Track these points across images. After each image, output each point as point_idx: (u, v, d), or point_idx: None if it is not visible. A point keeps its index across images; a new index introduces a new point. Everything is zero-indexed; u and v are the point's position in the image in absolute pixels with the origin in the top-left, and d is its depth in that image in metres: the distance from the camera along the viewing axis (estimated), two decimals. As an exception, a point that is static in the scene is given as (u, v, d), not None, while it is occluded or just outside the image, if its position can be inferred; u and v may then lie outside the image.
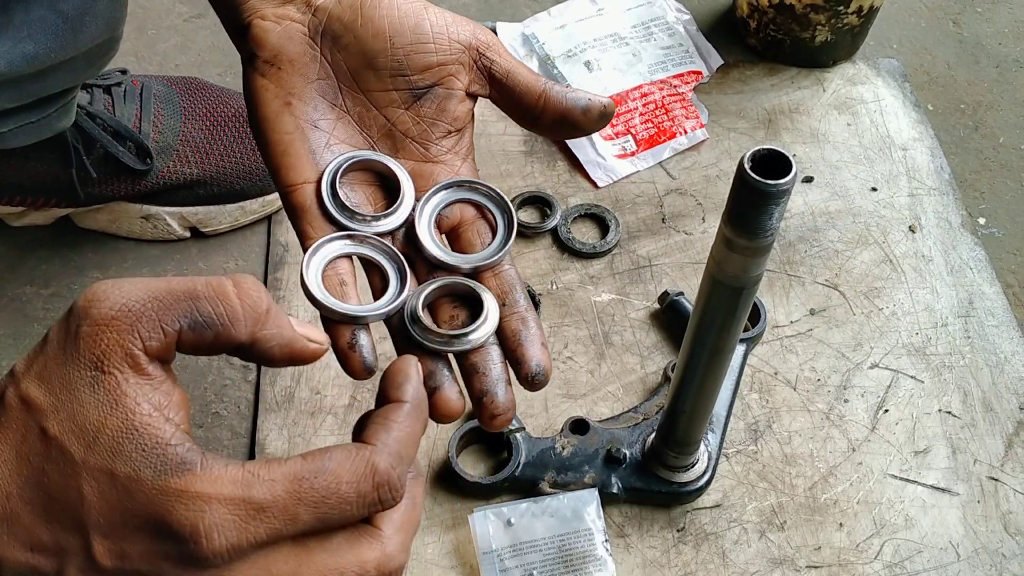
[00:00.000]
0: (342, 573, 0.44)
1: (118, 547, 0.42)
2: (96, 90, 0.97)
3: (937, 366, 0.98)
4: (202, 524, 0.41)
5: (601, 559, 0.82)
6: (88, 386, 0.43)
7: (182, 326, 0.44)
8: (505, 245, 0.59)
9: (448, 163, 0.61)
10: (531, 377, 0.55)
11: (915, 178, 1.14)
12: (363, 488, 0.44)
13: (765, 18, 1.21)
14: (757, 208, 0.58)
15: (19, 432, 0.43)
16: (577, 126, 0.61)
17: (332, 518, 0.44)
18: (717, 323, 0.69)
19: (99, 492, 0.42)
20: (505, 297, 0.57)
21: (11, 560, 0.42)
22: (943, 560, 0.86)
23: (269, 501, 0.42)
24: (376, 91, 0.59)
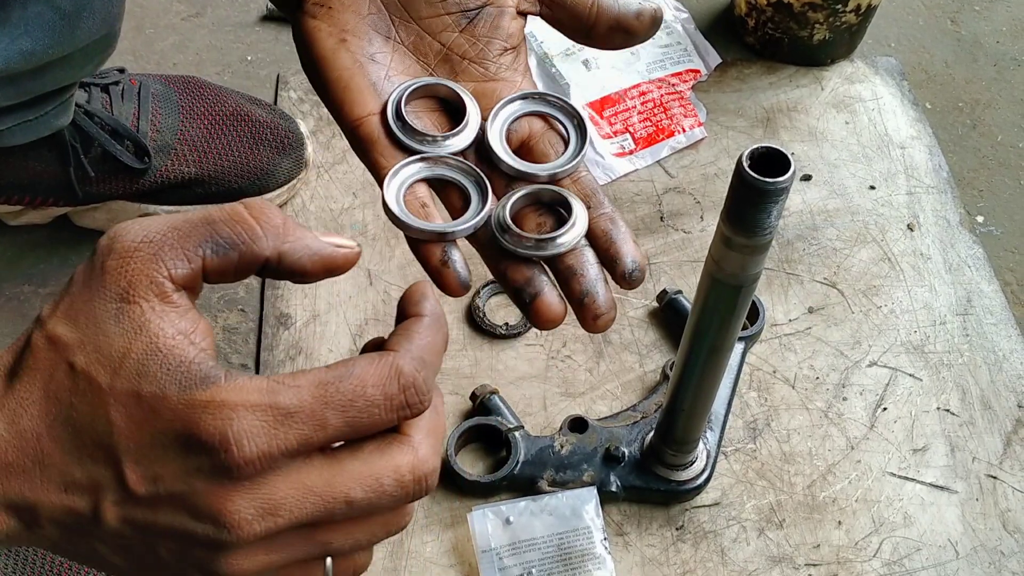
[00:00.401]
0: (377, 479, 0.43)
1: (150, 471, 0.41)
2: (94, 89, 0.97)
3: (936, 364, 0.99)
4: (231, 432, 0.40)
5: (600, 557, 0.82)
6: (113, 317, 0.43)
7: (205, 252, 0.44)
8: (581, 152, 0.58)
9: (509, 79, 0.60)
10: (628, 274, 0.54)
11: (913, 176, 1.14)
12: (390, 390, 0.43)
13: (763, 16, 1.21)
14: (756, 206, 0.58)
15: (47, 371, 0.43)
16: (631, 32, 0.60)
17: (361, 422, 0.43)
18: (716, 321, 0.69)
19: (127, 416, 0.41)
20: (589, 200, 0.56)
21: (46, 503, 0.42)
22: (942, 558, 0.86)
23: (296, 406, 0.42)
24: (428, 18, 0.59)
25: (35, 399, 0.42)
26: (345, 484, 0.43)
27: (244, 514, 0.41)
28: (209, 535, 0.41)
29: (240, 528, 0.41)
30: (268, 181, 1.03)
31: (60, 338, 0.43)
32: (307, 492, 0.42)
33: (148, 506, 0.42)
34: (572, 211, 0.54)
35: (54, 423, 0.42)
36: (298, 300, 1.00)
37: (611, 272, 0.54)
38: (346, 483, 0.43)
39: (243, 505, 0.41)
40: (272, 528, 0.42)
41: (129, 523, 0.42)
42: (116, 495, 0.42)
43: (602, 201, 0.56)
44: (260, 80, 1.20)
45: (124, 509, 0.42)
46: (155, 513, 0.42)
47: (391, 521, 0.46)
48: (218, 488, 0.41)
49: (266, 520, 0.41)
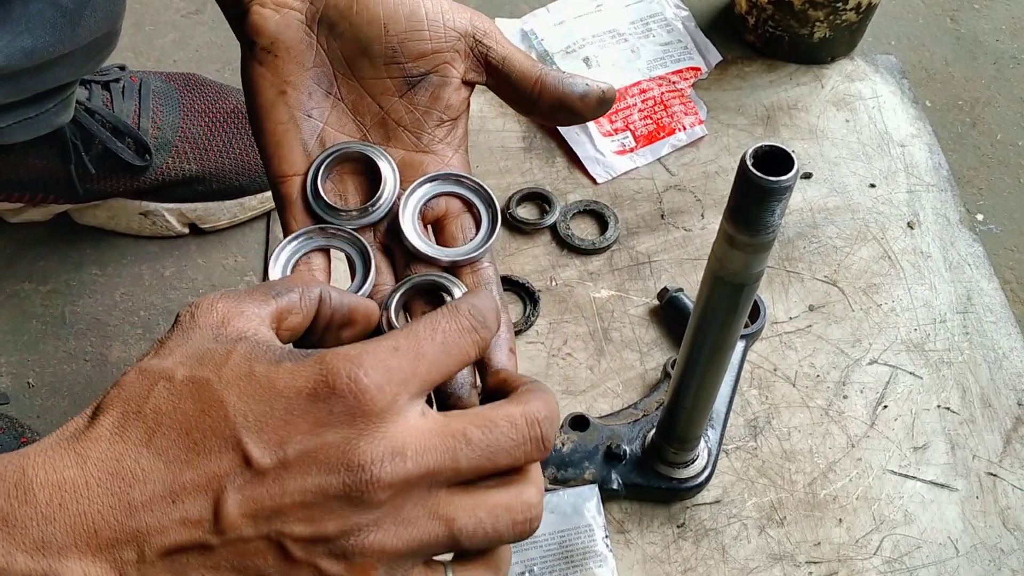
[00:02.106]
0: (490, 419, 0.45)
1: (276, 436, 0.40)
2: (95, 86, 0.97)
3: (936, 362, 0.99)
4: (356, 367, 0.41)
5: (601, 555, 0.83)
6: (211, 339, 0.43)
7: (273, 296, 0.47)
8: (486, 242, 0.59)
9: (439, 153, 0.60)
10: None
11: (913, 174, 1.14)
12: (460, 321, 0.47)
13: (764, 14, 1.21)
14: (759, 205, 0.58)
15: (138, 395, 0.42)
16: (574, 112, 0.60)
17: (452, 348, 0.46)
18: (718, 320, 0.69)
19: (242, 394, 0.41)
20: None
21: (155, 526, 0.39)
22: (942, 555, 0.87)
23: (395, 343, 0.44)
24: (371, 79, 0.59)
25: (128, 423, 0.41)
26: (460, 424, 0.44)
27: (376, 454, 0.41)
28: (345, 483, 0.40)
29: (375, 467, 0.40)
30: (269, 179, 1.03)
31: (154, 366, 0.42)
32: (427, 433, 0.43)
33: (276, 481, 0.40)
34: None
35: (154, 436, 0.40)
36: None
37: (480, 376, 0.55)
38: (461, 423, 0.44)
39: (374, 447, 0.41)
40: (401, 472, 0.41)
41: (254, 515, 0.40)
42: (239, 480, 0.40)
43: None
44: (260, 77, 1.19)
45: (248, 496, 0.40)
46: (284, 485, 0.40)
47: (513, 503, 0.45)
48: (350, 432, 0.41)
49: (396, 461, 0.41)
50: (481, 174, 1.09)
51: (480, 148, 1.12)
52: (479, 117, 1.15)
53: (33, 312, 1.01)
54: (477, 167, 0.63)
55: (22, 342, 0.99)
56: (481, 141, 1.13)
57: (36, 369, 0.97)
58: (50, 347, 0.98)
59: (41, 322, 1.00)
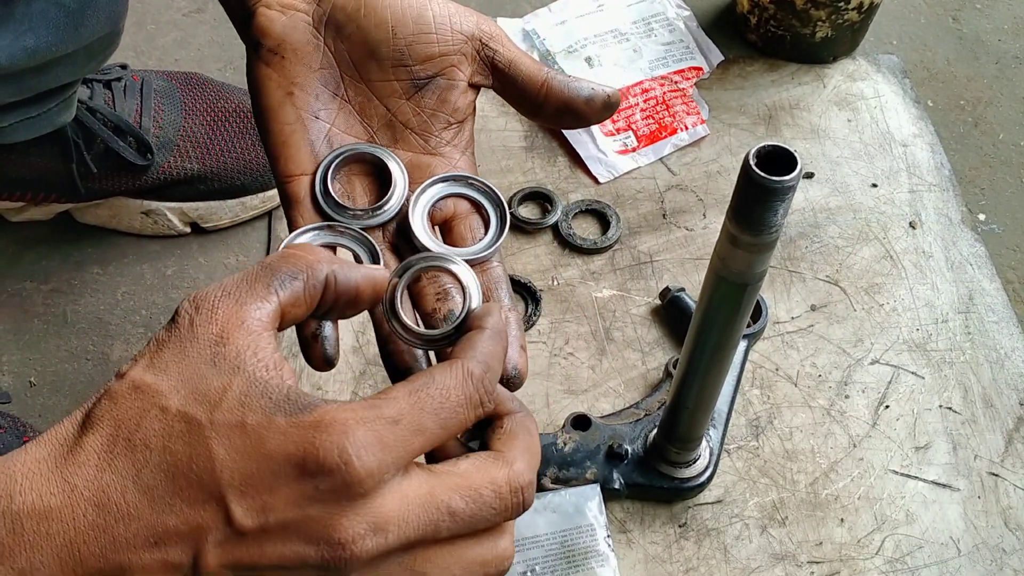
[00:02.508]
0: (476, 489, 0.44)
1: (259, 501, 0.40)
2: (96, 85, 0.97)
3: (938, 362, 0.99)
4: (349, 446, 0.40)
5: (603, 554, 0.83)
6: (209, 361, 0.42)
7: (276, 289, 0.45)
8: (496, 242, 0.59)
9: (447, 155, 0.61)
10: (506, 378, 0.55)
11: (915, 174, 1.14)
12: (468, 391, 0.45)
13: (765, 14, 1.21)
14: (762, 205, 0.58)
15: (131, 419, 0.41)
16: (580, 116, 0.61)
17: (450, 423, 0.44)
18: (721, 319, 0.69)
19: (231, 448, 0.40)
20: (490, 295, 0.58)
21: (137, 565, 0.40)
22: (944, 555, 0.87)
23: (399, 414, 0.42)
24: (378, 81, 0.60)
25: (117, 451, 0.41)
26: (446, 494, 0.43)
27: (358, 530, 0.41)
28: (323, 556, 0.41)
29: (355, 544, 0.41)
30: (270, 178, 1.03)
31: (148, 385, 0.42)
32: (411, 504, 0.42)
33: (255, 542, 0.40)
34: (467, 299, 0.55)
35: (142, 472, 0.40)
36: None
37: None
38: (446, 493, 0.43)
39: (356, 522, 0.41)
40: (383, 545, 0.41)
41: (231, 567, 0.40)
42: (221, 535, 0.40)
43: (501, 297, 0.58)
44: (262, 76, 1.19)
45: (228, 550, 0.40)
46: (263, 548, 0.40)
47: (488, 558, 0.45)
48: (333, 508, 0.41)
49: (377, 536, 0.41)
50: (483, 173, 1.09)
51: (482, 148, 1.12)
52: (481, 117, 1.15)
53: (35, 311, 1.01)
54: (479, 167, 0.63)
55: (24, 341, 0.99)
56: (483, 141, 1.13)
57: (38, 368, 0.97)
58: (52, 346, 0.98)
59: (43, 321, 1.00)
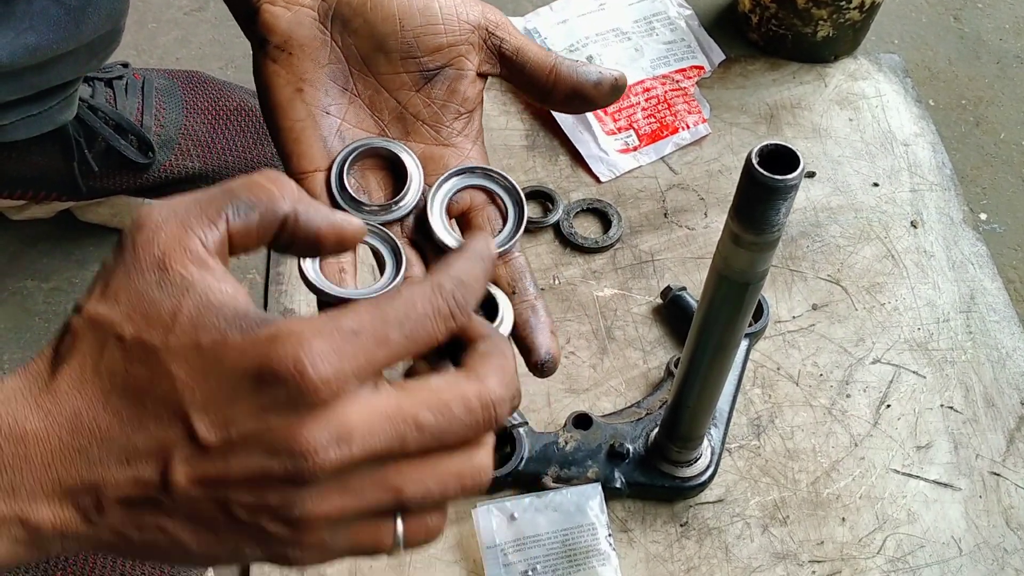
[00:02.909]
0: (445, 403, 0.43)
1: (220, 416, 0.41)
2: (98, 83, 0.97)
3: (939, 361, 0.99)
4: (303, 354, 0.40)
5: (604, 553, 0.82)
6: (155, 286, 0.42)
7: (228, 215, 0.44)
8: (516, 234, 0.59)
9: (459, 146, 0.61)
10: (540, 364, 0.56)
11: (917, 173, 1.14)
12: (436, 302, 0.44)
13: (767, 13, 1.21)
14: (765, 203, 0.58)
15: (93, 350, 0.42)
16: (589, 99, 0.61)
17: (418, 335, 0.44)
18: (723, 318, 0.69)
19: (189, 367, 0.41)
20: (515, 285, 0.58)
21: (109, 480, 0.41)
22: (945, 555, 0.87)
23: (359, 325, 0.42)
24: (387, 74, 0.60)
25: (86, 378, 0.42)
26: (413, 407, 0.43)
27: (320, 440, 0.41)
28: (287, 468, 0.41)
29: (316, 455, 0.40)
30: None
31: (103, 317, 0.42)
32: (377, 416, 0.42)
33: (220, 455, 0.41)
34: (498, 311, 0.56)
35: (110, 396, 0.42)
36: (302, 295, 1.00)
37: (525, 359, 0.56)
38: (414, 406, 0.43)
39: (318, 432, 0.41)
40: (347, 456, 0.41)
41: (200, 481, 0.41)
42: (185, 451, 0.41)
43: (527, 287, 0.58)
44: (263, 75, 1.19)
45: (195, 465, 0.41)
46: (228, 461, 0.41)
47: (463, 470, 0.45)
48: (293, 418, 0.41)
49: (341, 447, 0.41)
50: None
51: (483, 146, 1.12)
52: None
53: (36, 310, 1.01)
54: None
55: (25, 339, 0.99)
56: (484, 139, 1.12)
57: (39, 366, 0.97)
58: (53, 344, 0.98)
59: (44, 319, 1.00)
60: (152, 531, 0.43)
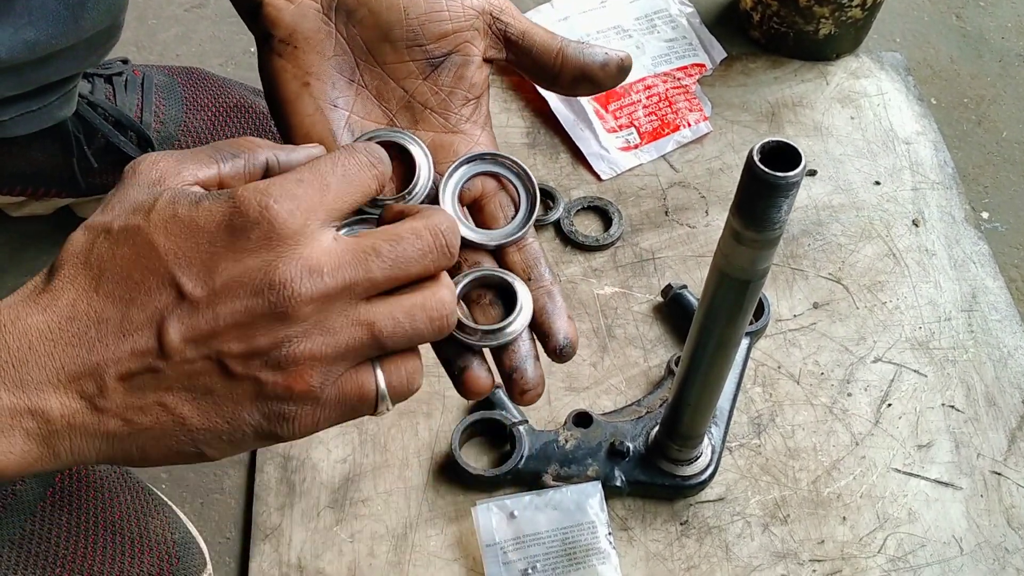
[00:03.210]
0: (396, 234, 0.49)
1: (203, 269, 0.45)
2: (97, 79, 0.97)
3: (940, 360, 0.98)
4: (267, 197, 0.46)
5: (604, 552, 0.82)
6: (145, 193, 0.48)
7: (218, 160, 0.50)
8: (529, 220, 0.59)
9: (468, 133, 0.61)
10: (559, 349, 0.57)
11: (918, 172, 1.14)
12: (359, 159, 0.51)
13: (769, 11, 1.20)
14: (766, 201, 0.58)
15: (85, 249, 0.46)
16: (596, 82, 0.61)
17: (355, 179, 0.50)
18: (723, 316, 0.69)
19: (169, 235, 0.45)
20: (530, 271, 0.58)
21: (109, 357, 0.45)
22: (946, 554, 0.86)
23: (300, 177, 0.48)
24: (393, 63, 0.59)
25: (78, 273, 0.46)
26: (370, 241, 0.48)
27: (293, 272, 0.45)
28: (269, 302, 0.45)
29: (294, 284, 0.45)
30: (272, 173, 1.03)
31: (96, 222, 0.47)
32: (340, 251, 0.47)
33: (209, 307, 0.45)
34: (517, 300, 0.56)
35: (100, 281, 0.45)
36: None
37: (544, 345, 0.57)
38: (370, 239, 0.48)
39: (291, 265, 0.45)
40: (320, 286, 0.46)
41: (193, 339, 0.45)
42: (176, 311, 0.45)
43: (543, 273, 0.59)
44: (263, 72, 1.19)
45: (187, 323, 0.45)
46: (215, 310, 0.45)
47: (427, 303, 0.49)
48: (268, 256, 0.45)
49: (313, 277, 0.46)
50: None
51: (484, 144, 1.12)
52: (483, 113, 1.15)
53: (35, 306, 1.00)
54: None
55: (24, 336, 0.98)
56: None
57: (38, 363, 0.97)
58: (52, 341, 0.98)
59: (43, 316, 1.00)
60: (154, 411, 0.46)
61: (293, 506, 0.87)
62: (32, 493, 0.76)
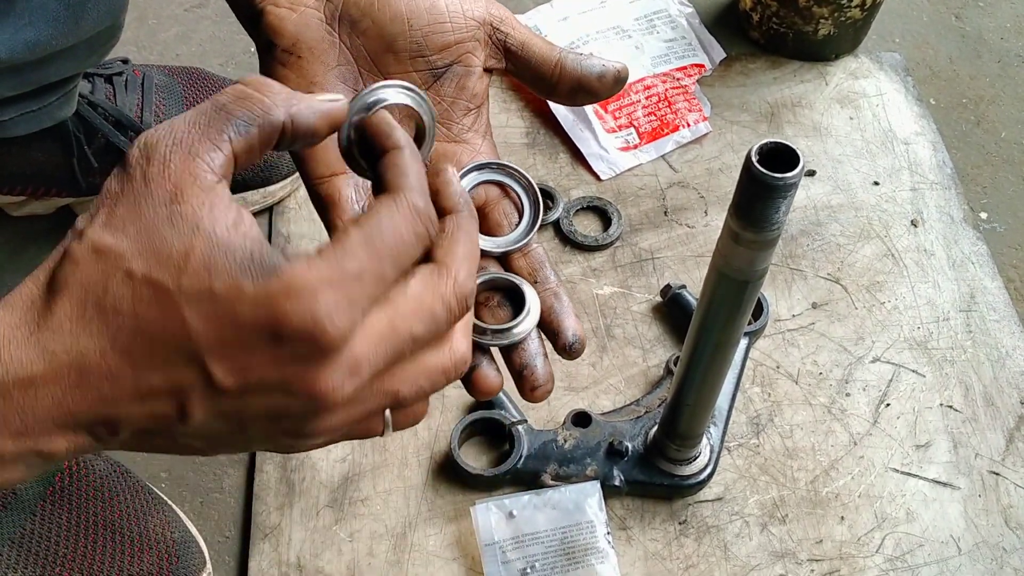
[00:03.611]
0: (429, 310, 0.46)
1: (237, 363, 0.42)
2: (97, 79, 0.97)
3: (939, 360, 0.99)
4: (320, 311, 0.41)
5: (603, 551, 0.82)
6: (166, 221, 0.42)
7: (230, 136, 0.45)
8: (533, 227, 0.60)
9: (470, 142, 0.61)
10: (569, 346, 0.57)
11: (917, 172, 1.14)
12: (418, 229, 0.46)
13: (768, 11, 1.21)
14: (764, 201, 0.58)
15: (98, 284, 0.42)
16: (593, 92, 0.61)
17: (407, 263, 0.46)
18: (722, 317, 0.69)
19: (203, 315, 0.41)
20: (536, 275, 0.59)
21: (125, 415, 0.42)
22: (944, 554, 0.87)
23: (360, 269, 0.43)
24: (396, 74, 0.60)
25: (90, 315, 0.41)
26: (405, 321, 0.45)
27: (336, 379, 0.43)
28: (304, 407, 0.43)
29: (334, 394, 0.43)
30: (271, 173, 1.03)
31: (110, 248, 0.42)
32: (378, 340, 0.44)
33: (238, 396, 0.43)
34: (526, 301, 0.57)
35: (117, 336, 0.41)
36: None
37: (553, 343, 0.58)
38: (405, 320, 0.45)
39: (334, 373, 0.43)
40: (359, 383, 0.44)
41: (219, 414, 0.43)
42: (204, 392, 0.42)
43: (548, 276, 0.59)
44: (263, 72, 1.19)
45: (213, 403, 0.43)
46: (245, 401, 0.43)
47: (447, 364, 0.48)
48: (311, 367, 0.42)
49: (353, 379, 0.43)
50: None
51: (483, 144, 1.12)
52: (482, 113, 1.15)
53: (35, 306, 1.01)
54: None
55: (24, 335, 0.98)
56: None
57: (38, 363, 0.97)
58: (52, 341, 0.98)
59: (43, 316, 1.00)
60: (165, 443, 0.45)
61: (292, 505, 0.87)
62: (32, 492, 0.76)
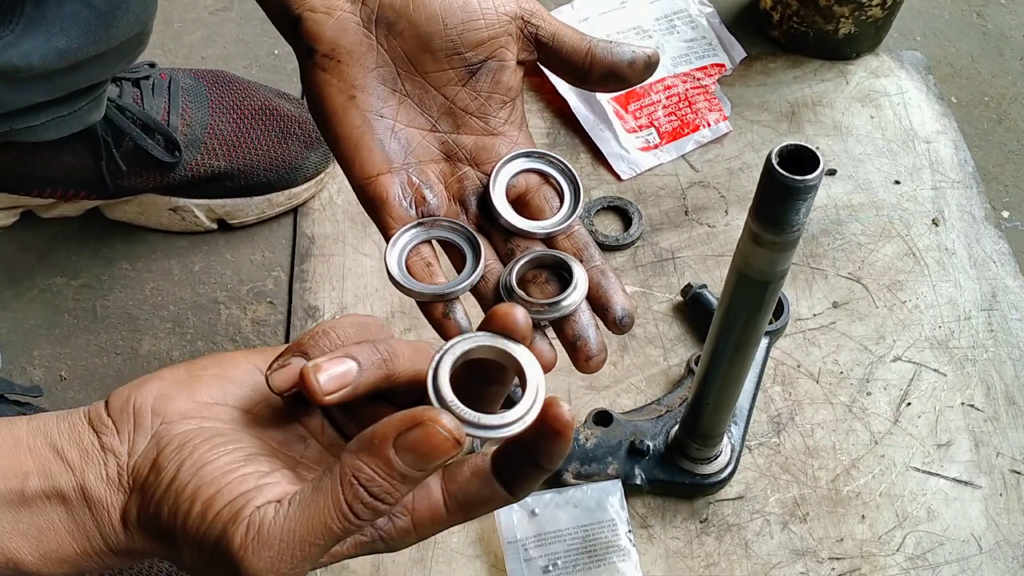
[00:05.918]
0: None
1: None
2: (125, 83, 0.99)
3: (960, 359, 0.99)
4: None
5: (624, 549, 0.83)
6: None
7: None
8: (576, 209, 0.61)
9: (507, 134, 0.63)
10: (618, 320, 0.58)
11: (938, 171, 1.14)
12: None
13: (788, 10, 1.21)
14: (785, 204, 0.58)
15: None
16: (624, 79, 0.63)
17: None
18: (743, 317, 0.69)
19: None
20: (581, 254, 0.60)
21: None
22: (965, 552, 0.87)
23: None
24: (433, 72, 0.61)
25: None
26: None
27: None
28: None
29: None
30: (296, 175, 1.05)
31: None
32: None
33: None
34: (573, 275, 0.58)
35: None
36: (326, 292, 1.01)
37: (603, 318, 0.59)
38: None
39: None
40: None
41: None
42: None
43: (593, 255, 0.60)
44: (287, 74, 1.21)
45: None
46: None
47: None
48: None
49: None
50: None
51: (504, 144, 1.13)
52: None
53: (65, 306, 1.02)
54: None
55: (54, 335, 1.00)
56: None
57: (68, 362, 0.99)
58: (82, 340, 1.00)
59: (73, 316, 1.02)
60: None
61: (318, 503, 0.88)
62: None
